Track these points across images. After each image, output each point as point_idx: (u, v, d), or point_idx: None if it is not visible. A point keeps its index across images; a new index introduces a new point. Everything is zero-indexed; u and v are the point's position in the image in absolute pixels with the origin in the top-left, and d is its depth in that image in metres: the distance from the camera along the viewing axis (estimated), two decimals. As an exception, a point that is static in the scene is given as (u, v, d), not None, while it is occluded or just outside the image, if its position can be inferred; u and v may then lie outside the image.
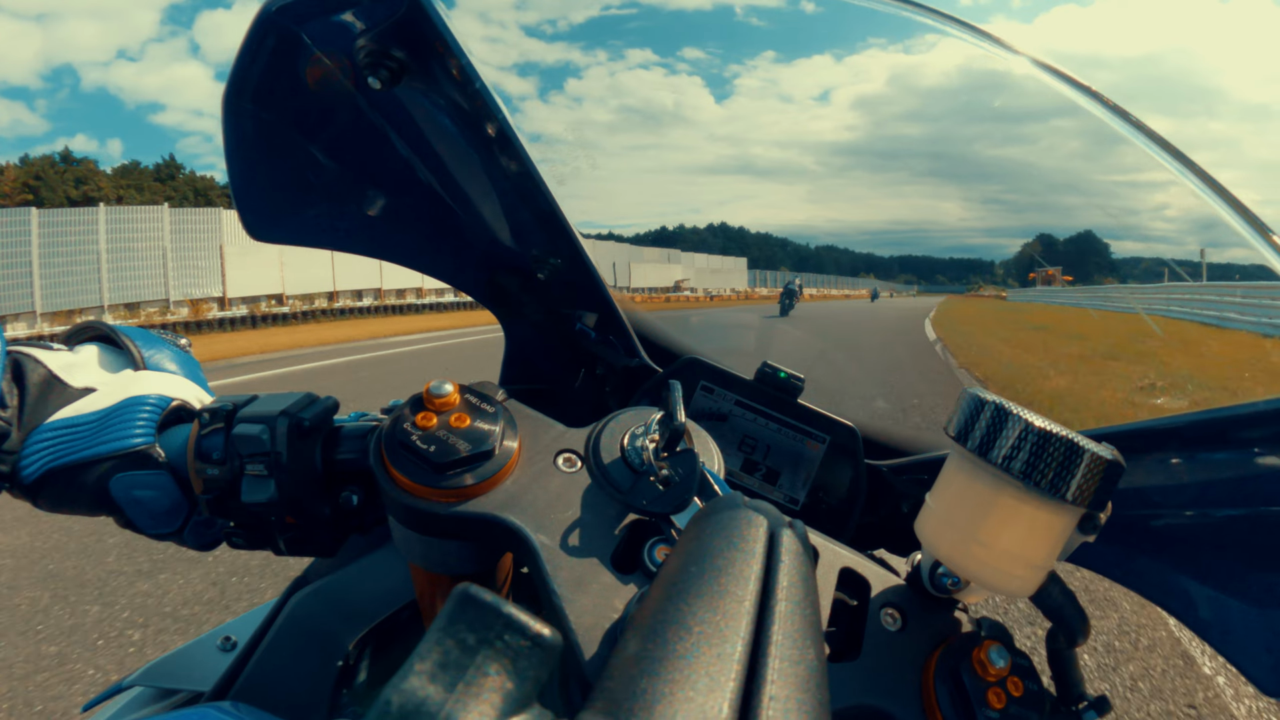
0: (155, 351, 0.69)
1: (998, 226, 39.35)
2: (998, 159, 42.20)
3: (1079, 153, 40.33)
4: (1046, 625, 0.59)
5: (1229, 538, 0.71)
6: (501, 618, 0.28)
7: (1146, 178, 5.58)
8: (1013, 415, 0.48)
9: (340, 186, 0.83)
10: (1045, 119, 42.72)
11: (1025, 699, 0.50)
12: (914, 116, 44.84)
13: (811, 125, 45.76)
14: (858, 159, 41.79)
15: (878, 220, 38.68)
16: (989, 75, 1.81)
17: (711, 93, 43.60)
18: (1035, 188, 42.38)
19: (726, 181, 40.81)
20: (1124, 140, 0.75)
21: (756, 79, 44.41)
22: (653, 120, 41.91)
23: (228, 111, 0.70)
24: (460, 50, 0.66)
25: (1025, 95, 1.28)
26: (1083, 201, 23.02)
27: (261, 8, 0.63)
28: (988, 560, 0.51)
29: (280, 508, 0.62)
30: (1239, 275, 2.89)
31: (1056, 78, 0.82)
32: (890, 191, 40.86)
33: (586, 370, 1.07)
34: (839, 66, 50.35)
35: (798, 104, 50.11)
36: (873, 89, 49.67)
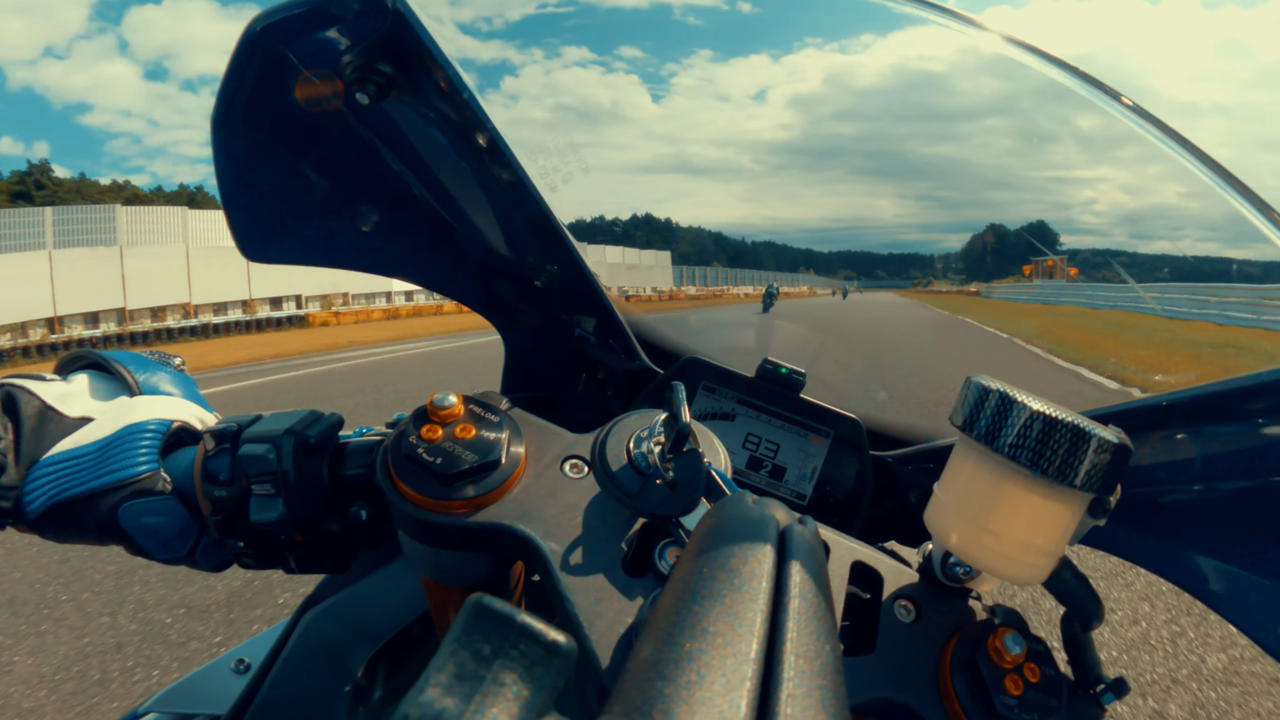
0: (149, 375, 0.69)
1: (931, 222, 39.41)
2: (931, 157, 42.58)
3: (1011, 150, 40.93)
4: (1060, 609, 0.59)
5: (1238, 510, 0.71)
6: (515, 627, 0.28)
7: (1076, 174, 5.60)
8: (1018, 402, 0.48)
9: (333, 203, 0.83)
10: (978, 118, 42.99)
11: (1043, 684, 0.50)
12: (849, 115, 45.05)
13: (748, 124, 46.03)
14: (794, 157, 42.15)
15: (815, 218, 38.72)
16: (923, 75, 1.83)
17: (649, 91, 43.64)
18: (968, 184, 43.01)
19: (664, 180, 41.03)
20: (1076, 123, 0.76)
21: (693, 78, 44.53)
22: (590, 119, 41.74)
23: (217, 133, 0.70)
24: (446, 61, 0.66)
25: (958, 94, 1.29)
26: (1014, 197, 23.24)
27: (246, 28, 0.63)
28: (999, 549, 0.51)
29: (289, 526, 0.62)
30: (1168, 269, 2.84)
31: (1032, 54, 0.82)
32: (826, 189, 40.92)
33: (588, 375, 1.07)
34: (775, 66, 50.52)
35: (734, 103, 50.36)
36: (809, 88, 49.53)
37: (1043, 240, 1.25)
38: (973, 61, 1.23)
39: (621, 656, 0.44)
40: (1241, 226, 0.66)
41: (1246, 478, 0.68)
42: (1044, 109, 1.31)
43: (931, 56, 5.26)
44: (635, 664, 0.32)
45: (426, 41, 0.64)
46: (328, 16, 0.62)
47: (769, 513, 0.42)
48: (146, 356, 0.71)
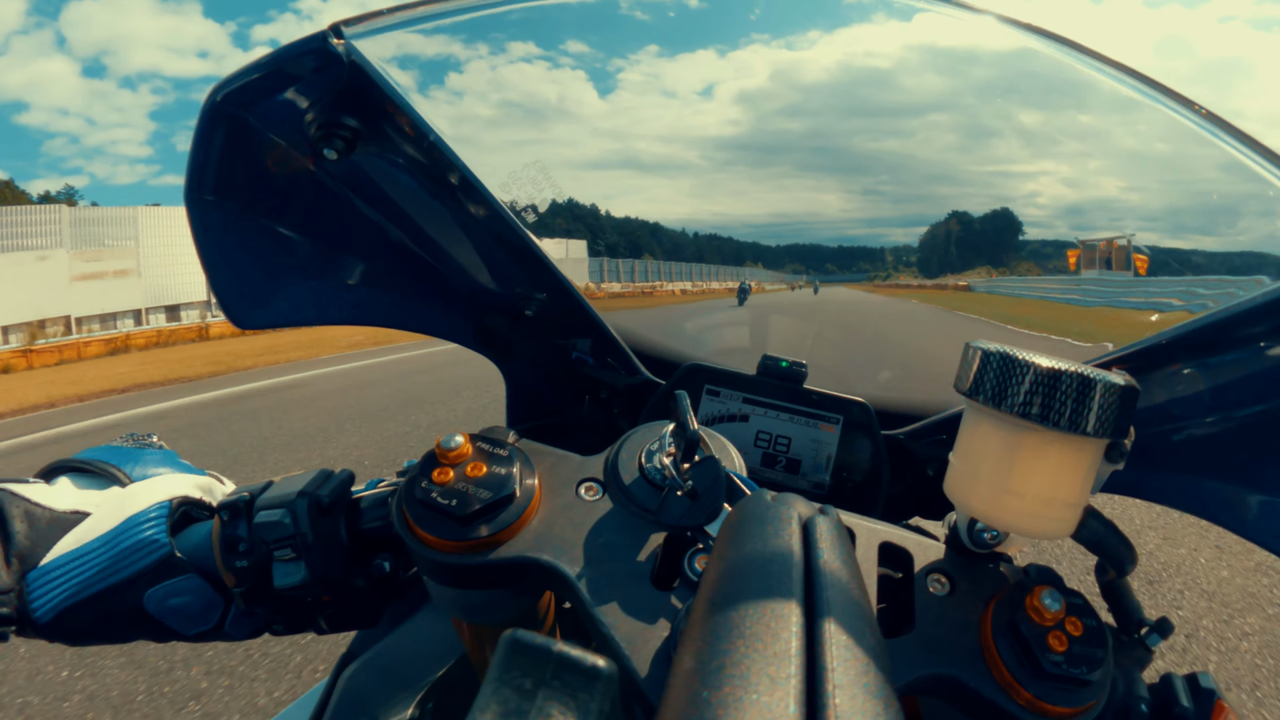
0: (133, 464, 0.68)
1: (877, 217, 40.21)
2: (876, 152, 43.63)
3: (954, 145, 42.11)
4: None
5: (1254, 435, 0.71)
6: (553, 657, 0.28)
7: (1019, 168, 5.75)
8: (1020, 360, 0.48)
9: (316, 261, 0.83)
10: (922, 114, 44.26)
11: (1086, 636, 0.50)
12: (795, 111, 46.37)
13: (695, 120, 47.25)
14: (741, 153, 42.95)
15: (762, 213, 39.26)
16: (868, 71, 1.83)
17: (595, 87, 43.84)
18: (912, 179, 44.11)
19: (611, 176, 41.44)
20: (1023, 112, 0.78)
21: (640, 73, 45.10)
22: (535, 115, 41.88)
23: (191, 207, 0.70)
24: (409, 107, 0.67)
25: (903, 90, 1.32)
26: (957, 191, 23.94)
27: (206, 99, 0.63)
28: (1023, 508, 0.51)
29: (315, 588, 0.62)
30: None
31: (1024, 30, 0.84)
32: (774, 185, 41.66)
33: (591, 396, 1.07)
34: (722, 61, 51.34)
35: (681, 99, 51.37)
36: (755, 84, 50.51)
37: (1008, 230, 1.25)
38: (917, 58, 1.25)
39: (663, 672, 0.44)
40: (1180, 218, 0.66)
41: (1258, 402, 0.68)
42: (987, 105, 1.36)
43: (877, 53, 5.38)
44: (678, 677, 0.31)
45: (386, 89, 0.65)
46: (285, 77, 0.63)
47: (790, 507, 0.42)
48: (123, 445, 0.70)
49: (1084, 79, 0.87)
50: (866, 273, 1.46)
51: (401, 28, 0.69)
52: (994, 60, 1.22)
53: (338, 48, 0.61)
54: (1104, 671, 0.49)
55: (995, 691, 0.49)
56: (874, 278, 1.45)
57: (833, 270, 1.44)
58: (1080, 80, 0.91)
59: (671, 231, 1.53)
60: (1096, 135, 1.14)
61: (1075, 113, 1.13)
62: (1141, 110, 0.83)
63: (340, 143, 0.67)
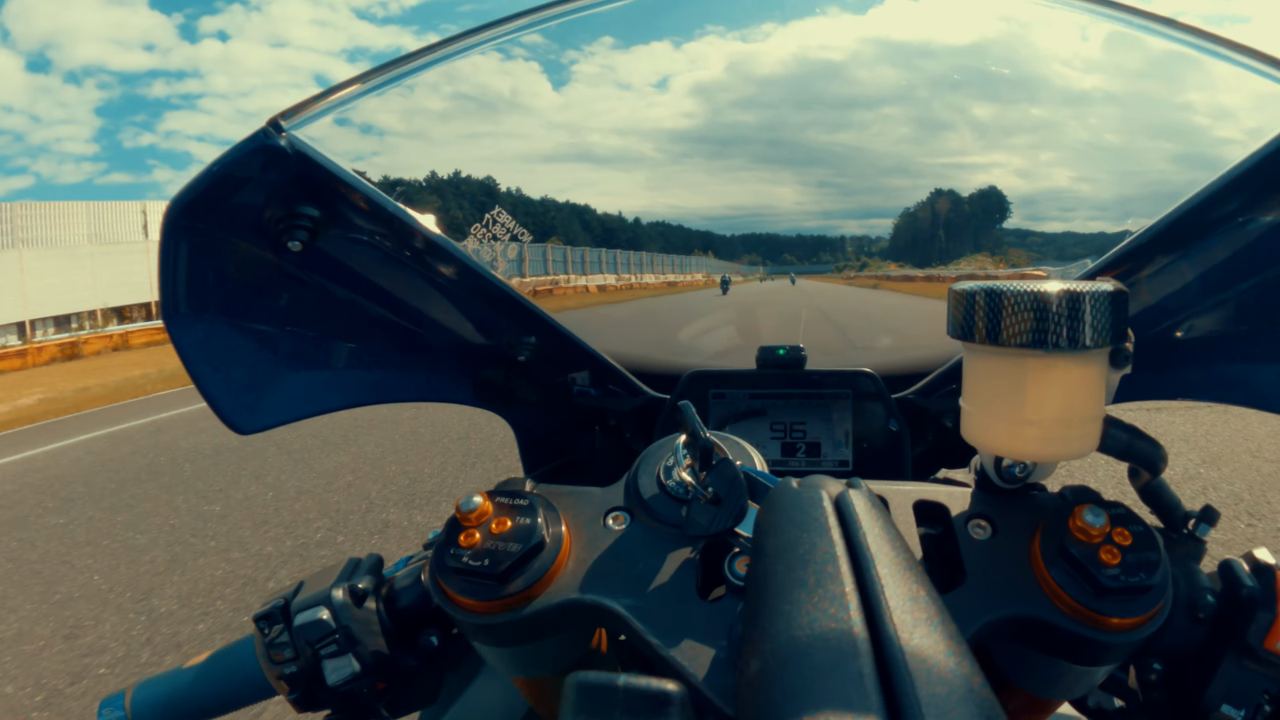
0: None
1: (831, 209, 40.43)
2: (830, 144, 44.20)
3: (908, 138, 42.64)
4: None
5: (1252, 309, 0.71)
6: (620, 691, 0.28)
7: (970, 160, 5.79)
8: (1005, 292, 0.48)
9: (302, 354, 0.83)
10: (875, 106, 44.99)
11: (1136, 543, 0.50)
12: (750, 103, 46.90)
13: (650, 112, 47.62)
14: (696, 146, 43.50)
15: (717, 205, 39.66)
16: (823, 64, 1.87)
17: (549, 79, 43.59)
18: (866, 171, 44.56)
19: (565, 169, 41.60)
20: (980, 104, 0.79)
21: (595, 65, 45.12)
22: (488, 107, 41.82)
23: (170, 325, 0.70)
24: (361, 184, 0.67)
25: (857, 83, 1.33)
26: (911, 183, 24.23)
27: (164, 218, 0.64)
28: (1043, 435, 0.51)
29: (368, 677, 0.61)
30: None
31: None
32: (729, 177, 42.07)
33: (600, 426, 1.07)
34: (677, 53, 51.92)
35: (636, 90, 52.02)
36: (710, 76, 50.92)
37: (997, 211, 1.25)
38: (871, 51, 1.26)
39: (730, 680, 0.44)
40: (1129, 206, 0.67)
41: (1248, 276, 0.69)
42: (940, 97, 1.37)
43: (831, 46, 5.46)
44: (747, 683, 0.31)
45: (336, 172, 0.65)
46: (235, 181, 0.63)
47: (818, 489, 0.42)
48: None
49: (1037, 74, 0.89)
50: (830, 264, 1.43)
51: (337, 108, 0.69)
52: (947, 53, 1.23)
53: (280, 141, 0.61)
54: (1162, 573, 0.49)
55: (1062, 619, 0.49)
56: (842, 268, 1.43)
57: (791, 261, 1.43)
58: (1033, 75, 0.92)
59: (605, 217, 1.48)
60: (1050, 127, 1.16)
61: (1028, 105, 1.15)
62: (1093, 104, 0.84)
63: (302, 233, 0.67)
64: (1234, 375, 0.76)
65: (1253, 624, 0.53)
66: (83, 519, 5.21)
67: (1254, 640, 0.53)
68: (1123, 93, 0.99)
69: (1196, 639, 0.56)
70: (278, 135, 0.62)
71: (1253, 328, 0.72)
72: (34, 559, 4.54)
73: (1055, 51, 0.99)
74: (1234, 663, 0.54)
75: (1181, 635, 0.56)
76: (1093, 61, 0.80)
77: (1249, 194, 0.62)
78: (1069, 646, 0.50)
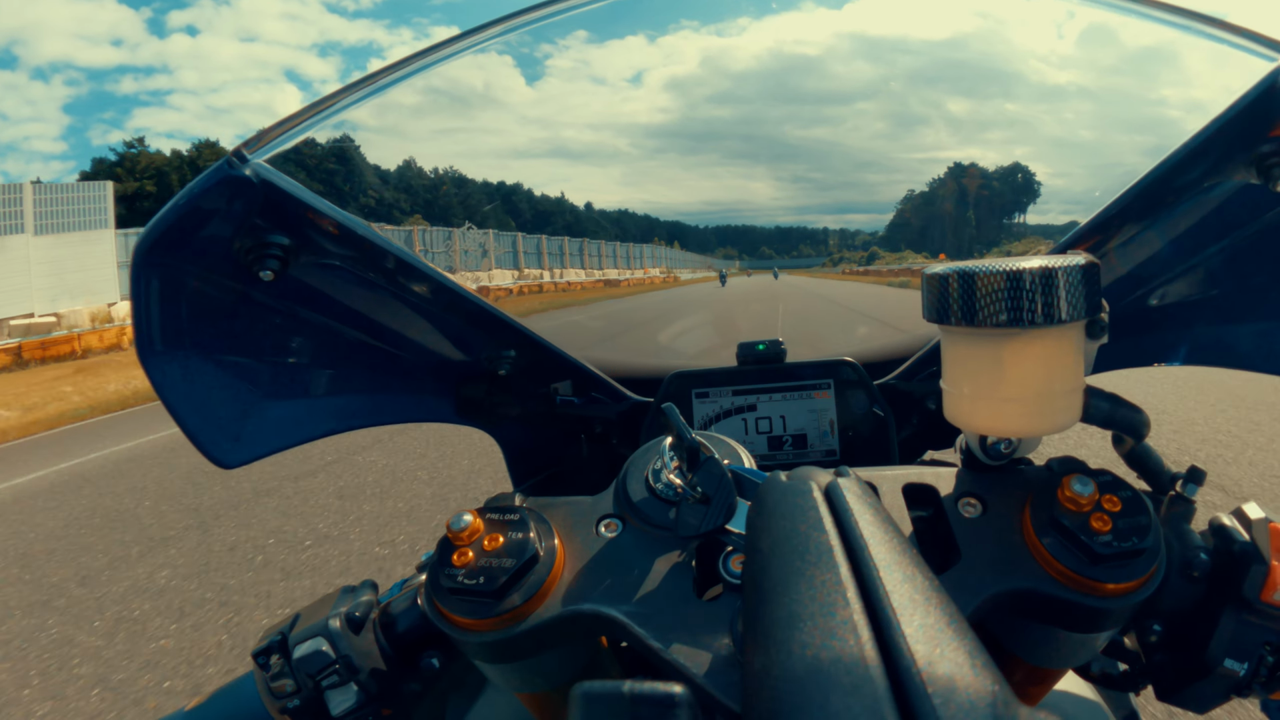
0: None
1: (806, 204, 40.71)
2: (805, 139, 44.32)
3: (882, 133, 42.33)
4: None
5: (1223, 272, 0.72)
6: (627, 698, 0.28)
7: (945, 154, 5.80)
8: (977, 273, 0.49)
9: (281, 383, 0.83)
10: (850, 101, 44.58)
11: (1126, 509, 0.50)
12: (725, 98, 46.23)
13: (625, 107, 46.88)
14: (671, 141, 43.50)
15: (693, 201, 39.55)
16: (798, 59, 1.86)
17: (523, 74, 42.83)
18: (841, 166, 44.44)
19: (540, 165, 40.77)
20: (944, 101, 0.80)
21: (569, 60, 44.50)
22: (461, 103, 40.76)
23: (146, 363, 0.69)
24: (329, 208, 0.67)
25: (832, 78, 1.32)
26: (885, 178, 24.01)
27: (133, 256, 0.63)
28: (1025, 410, 0.51)
29: (372, 705, 0.61)
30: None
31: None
32: (704, 173, 41.83)
33: (586, 435, 1.07)
34: (652, 48, 51.36)
35: (610, 85, 51.30)
36: (685, 70, 50.52)
37: (1027, 189, 1.25)
38: (847, 46, 1.26)
39: (735, 677, 0.44)
40: (1104, 201, 0.68)
41: (1216, 240, 0.70)
42: (915, 92, 1.37)
43: (806, 40, 5.42)
44: (752, 679, 0.31)
45: (304, 198, 0.65)
46: (202, 214, 0.62)
47: (807, 481, 0.42)
48: None
49: (1012, 70, 0.89)
50: (812, 258, 1.43)
51: (300, 133, 0.69)
52: (923, 48, 1.23)
53: (245, 171, 0.61)
54: (1154, 535, 0.50)
55: (1059, 589, 0.49)
56: (839, 261, 1.42)
57: (770, 254, 1.42)
58: (1007, 71, 0.92)
59: (571, 207, 1.46)
60: (1024, 123, 1.17)
61: (1003, 101, 1.15)
62: (1068, 100, 0.85)
63: (273, 262, 0.66)
64: (1208, 337, 0.77)
65: (1247, 578, 0.54)
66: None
67: (1250, 594, 0.54)
68: (1097, 88, 1.00)
69: (1193, 598, 0.57)
70: (242, 165, 0.61)
71: (1223, 290, 0.74)
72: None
73: (1031, 46, 1.01)
74: (1232, 617, 0.55)
75: (1178, 595, 0.57)
76: (1068, 57, 0.81)
77: (1212, 160, 0.63)
78: (1067, 615, 0.50)
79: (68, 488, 6.41)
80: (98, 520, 5.35)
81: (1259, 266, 0.70)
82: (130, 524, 5.18)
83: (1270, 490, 3.91)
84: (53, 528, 5.29)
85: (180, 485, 6.03)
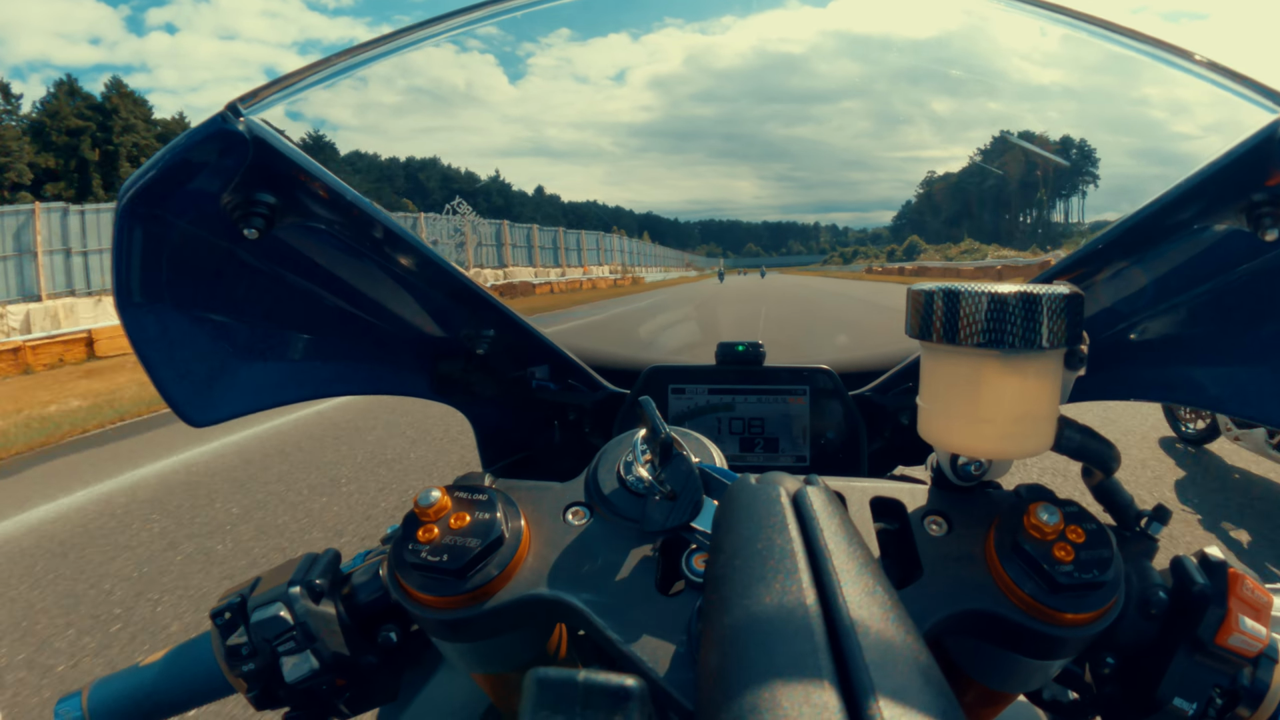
0: None
1: (791, 203, 41.00)
2: (789, 138, 44.38)
3: (867, 132, 42.91)
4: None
5: (1204, 314, 0.73)
6: (581, 686, 0.28)
7: (928, 154, 5.86)
8: (963, 293, 0.49)
9: (258, 344, 0.82)
10: (835, 100, 44.92)
11: (1090, 541, 0.51)
12: (709, 97, 46.22)
13: (607, 106, 47.10)
14: (654, 140, 43.35)
15: (676, 200, 39.68)
16: (782, 57, 1.84)
17: (505, 72, 42.39)
18: (825, 165, 44.70)
19: (522, 164, 41.04)
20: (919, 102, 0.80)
21: (552, 58, 44.09)
22: (443, 101, 40.51)
23: (124, 314, 0.68)
24: (320, 171, 0.66)
25: (816, 76, 1.31)
26: (870, 177, 24.35)
27: (118, 203, 0.62)
28: (997, 433, 0.52)
29: (327, 674, 0.60)
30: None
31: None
32: (687, 172, 42.21)
33: (560, 421, 1.07)
34: (635, 45, 51.59)
35: (593, 84, 51.61)
36: (669, 69, 50.66)
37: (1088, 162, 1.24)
38: (832, 44, 1.26)
39: (689, 675, 0.44)
40: (1090, 199, 0.68)
41: (1200, 283, 0.71)
42: (899, 91, 1.37)
43: (790, 39, 5.43)
44: (706, 678, 0.31)
45: (295, 158, 0.64)
46: (191, 166, 0.61)
47: (776, 486, 0.42)
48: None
49: (995, 68, 0.89)
50: (804, 255, 1.41)
51: (295, 92, 0.68)
52: (908, 47, 1.23)
53: (238, 126, 0.60)
54: (1115, 570, 0.50)
55: (1017, 614, 0.50)
56: (856, 255, 1.39)
57: (756, 251, 1.41)
58: (991, 69, 0.93)
59: (529, 196, 1.43)
60: (1006, 121, 1.17)
61: (986, 100, 1.16)
62: (1052, 99, 0.85)
63: (259, 220, 0.65)
64: (1186, 377, 0.78)
65: (1204, 620, 0.55)
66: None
67: (1205, 635, 0.54)
68: (1080, 87, 1.00)
69: (1149, 634, 0.58)
70: (235, 120, 0.60)
71: (1204, 331, 0.75)
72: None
73: (1015, 47, 1.01)
74: (1186, 657, 0.55)
75: (1134, 630, 0.58)
76: (1052, 56, 0.82)
77: (1203, 204, 0.64)
78: (1023, 641, 0.51)
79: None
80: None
81: (1240, 311, 0.71)
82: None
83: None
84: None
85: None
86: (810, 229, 6.97)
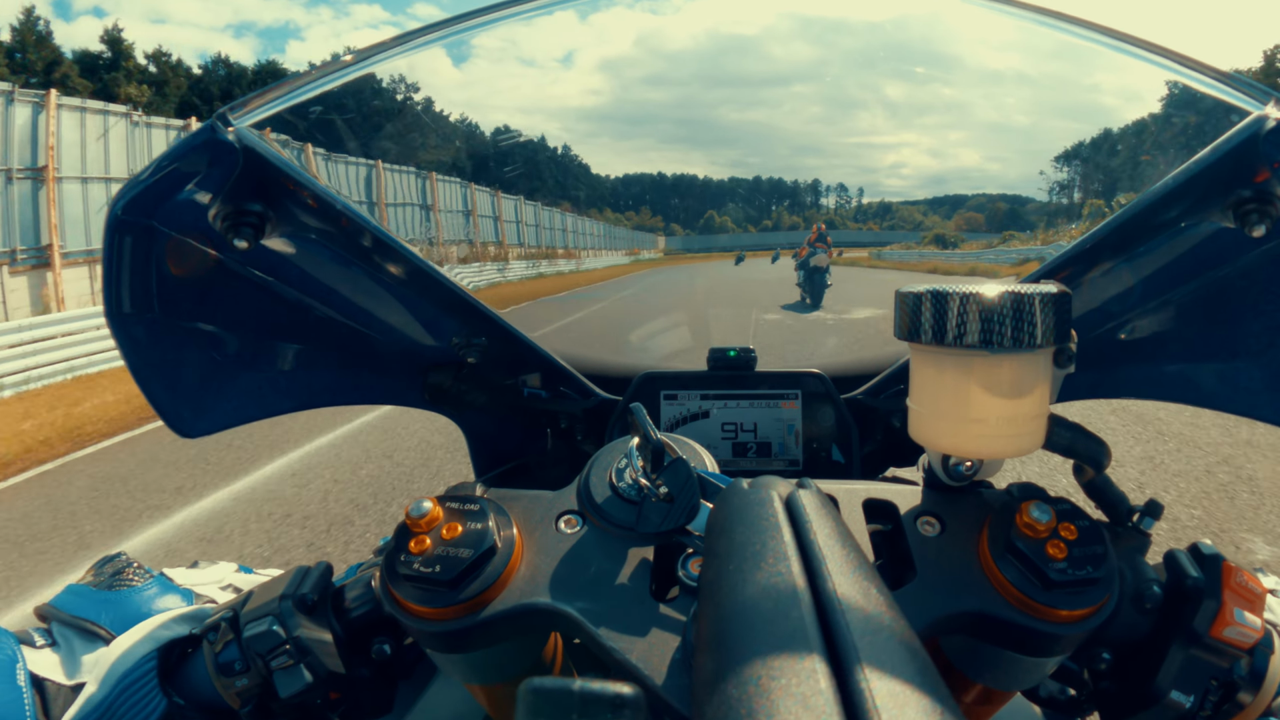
0: (110, 612, 0.63)
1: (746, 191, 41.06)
2: (742, 122, 44.65)
3: (820, 117, 42.84)
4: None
5: (1193, 311, 0.74)
6: (576, 696, 0.28)
7: (881, 140, 5.84)
8: (950, 294, 0.49)
9: (248, 355, 0.81)
10: (788, 83, 44.90)
11: (1082, 537, 0.51)
12: (660, 80, 46.12)
13: (555, 89, 46.68)
14: (604, 124, 43.42)
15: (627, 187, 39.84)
16: (735, 39, 1.86)
17: (449, 55, 41.84)
18: (779, 150, 44.95)
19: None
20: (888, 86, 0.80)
21: (496, 39, 43.31)
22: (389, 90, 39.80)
23: (113, 324, 0.68)
24: (309, 180, 0.66)
25: (770, 60, 1.31)
26: (824, 163, 24.24)
27: (108, 214, 0.62)
28: (988, 433, 0.52)
29: (320, 688, 0.60)
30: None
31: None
32: (639, 158, 42.25)
33: (552, 429, 1.06)
34: (583, 26, 50.84)
35: (540, 67, 51.01)
36: (618, 50, 49.99)
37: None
38: (786, 26, 1.27)
39: (686, 681, 0.44)
40: (1037, 184, 0.69)
41: (1187, 280, 0.71)
42: (853, 76, 1.37)
43: (745, 20, 5.43)
44: (703, 685, 0.31)
45: (284, 168, 0.64)
46: (181, 176, 0.61)
47: (769, 490, 0.42)
48: (95, 587, 0.65)
49: (950, 53, 0.89)
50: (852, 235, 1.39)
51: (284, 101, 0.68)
52: (863, 29, 1.24)
53: (228, 135, 0.60)
54: (1108, 565, 0.50)
55: (1011, 613, 0.50)
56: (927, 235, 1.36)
57: (726, 226, 1.39)
58: (946, 54, 0.92)
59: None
60: (960, 107, 1.17)
61: (940, 86, 1.16)
62: (1006, 84, 0.85)
63: (249, 230, 0.65)
64: (1174, 374, 0.79)
65: (1198, 613, 0.55)
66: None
67: (1200, 628, 0.55)
68: (1035, 74, 1.00)
69: (1144, 629, 0.58)
70: (225, 129, 0.60)
71: (1192, 329, 0.75)
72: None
73: (970, 31, 1.01)
74: (1181, 651, 0.56)
75: (1129, 626, 0.58)
76: (1006, 41, 0.81)
77: (1189, 202, 0.64)
78: (1019, 639, 0.51)
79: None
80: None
81: (1227, 308, 0.72)
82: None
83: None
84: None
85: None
86: (805, 187, 6.45)
